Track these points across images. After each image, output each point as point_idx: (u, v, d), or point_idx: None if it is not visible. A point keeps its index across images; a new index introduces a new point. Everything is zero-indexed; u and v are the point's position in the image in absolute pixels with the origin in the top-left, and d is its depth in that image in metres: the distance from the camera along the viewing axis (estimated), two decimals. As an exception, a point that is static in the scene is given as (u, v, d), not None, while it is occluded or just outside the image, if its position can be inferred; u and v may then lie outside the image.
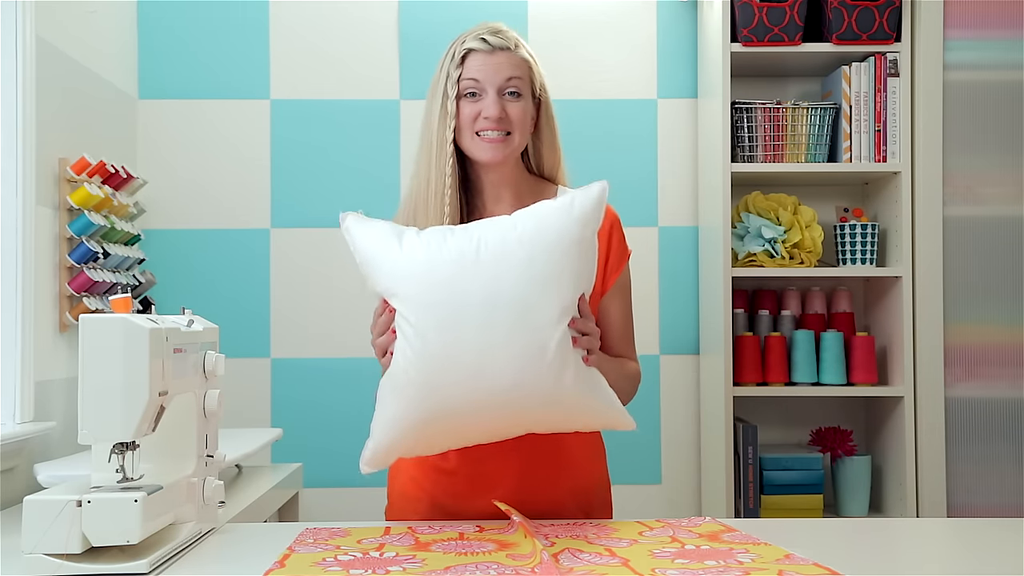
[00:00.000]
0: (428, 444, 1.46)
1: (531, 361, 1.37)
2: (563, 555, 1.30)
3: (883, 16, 2.62)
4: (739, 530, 1.45)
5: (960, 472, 2.60)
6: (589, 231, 1.45)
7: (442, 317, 1.38)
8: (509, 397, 1.38)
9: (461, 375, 1.37)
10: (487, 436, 1.46)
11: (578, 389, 1.41)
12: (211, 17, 2.86)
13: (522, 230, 1.42)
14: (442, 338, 1.37)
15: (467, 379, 1.37)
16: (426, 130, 1.64)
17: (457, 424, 1.42)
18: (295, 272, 2.85)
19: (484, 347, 1.36)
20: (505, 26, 1.66)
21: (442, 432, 1.43)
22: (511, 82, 1.60)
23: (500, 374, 1.37)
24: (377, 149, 2.87)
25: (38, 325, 2.09)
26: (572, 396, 1.41)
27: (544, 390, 1.39)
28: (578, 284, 1.43)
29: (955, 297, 2.62)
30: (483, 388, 1.37)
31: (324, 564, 1.26)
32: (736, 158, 2.69)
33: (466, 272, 1.39)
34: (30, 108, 2.05)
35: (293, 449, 2.76)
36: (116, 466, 1.30)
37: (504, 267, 1.39)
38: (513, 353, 1.37)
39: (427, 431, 1.42)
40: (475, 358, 1.37)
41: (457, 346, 1.37)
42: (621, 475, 2.80)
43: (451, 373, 1.37)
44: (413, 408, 1.40)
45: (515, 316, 1.37)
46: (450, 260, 1.40)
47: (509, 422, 1.44)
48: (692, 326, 2.90)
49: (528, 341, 1.37)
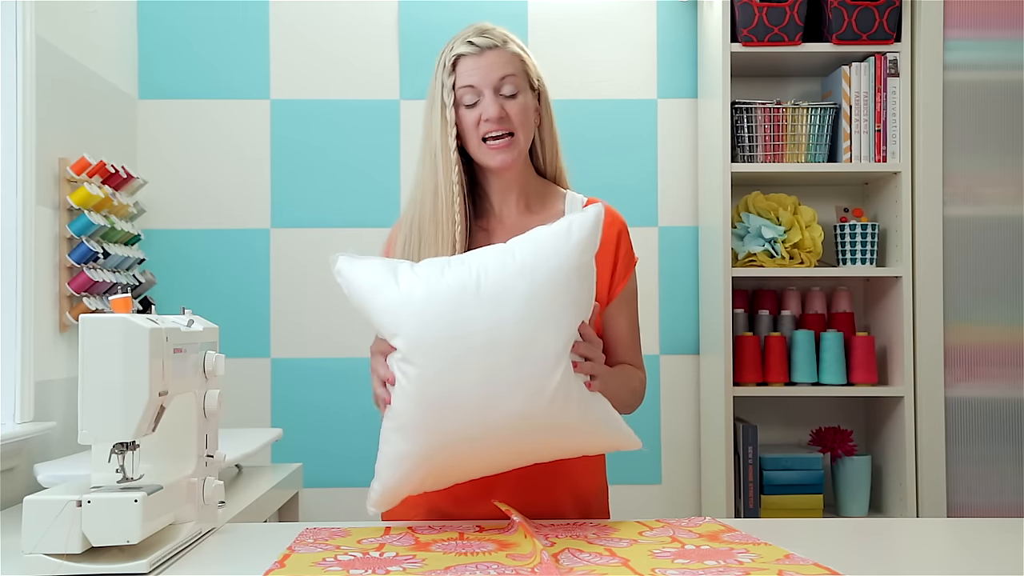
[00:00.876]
0: (436, 480, 1.45)
1: (535, 396, 1.37)
2: (563, 555, 1.30)
3: (883, 16, 2.62)
4: (739, 530, 1.45)
5: (960, 472, 2.60)
6: (587, 257, 1.43)
7: (444, 358, 1.36)
8: (513, 432, 1.39)
9: (465, 414, 1.37)
10: (494, 468, 1.47)
11: (583, 418, 1.42)
12: (211, 17, 2.86)
13: (521, 261, 1.40)
14: (444, 380, 1.36)
15: (471, 416, 1.37)
16: (428, 139, 1.62)
17: (463, 460, 1.42)
18: (295, 272, 2.85)
19: (488, 386, 1.36)
20: (491, 24, 1.64)
21: (448, 467, 1.43)
22: (505, 80, 1.58)
23: (504, 411, 1.36)
24: (377, 149, 2.87)
25: (38, 325, 2.09)
26: (577, 426, 1.42)
27: (549, 423, 1.39)
28: (579, 312, 1.42)
29: (955, 297, 2.62)
30: (487, 424, 1.37)
31: (324, 564, 1.26)
32: (736, 158, 2.69)
33: (467, 307, 1.37)
34: (30, 108, 2.05)
35: (293, 449, 2.76)
36: (116, 466, 1.30)
37: (505, 301, 1.37)
38: (517, 391, 1.36)
39: (433, 468, 1.42)
40: (478, 399, 1.36)
41: (460, 386, 1.36)
42: (621, 475, 2.80)
43: (455, 413, 1.37)
44: (418, 446, 1.39)
45: (519, 354, 1.36)
46: (450, 296, 1.38)
47: (515, 455, 1.44)
48: (692, 326, 2.90)
49: (532, 378, 1.36)
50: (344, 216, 2.86)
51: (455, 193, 1.58)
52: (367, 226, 2.84)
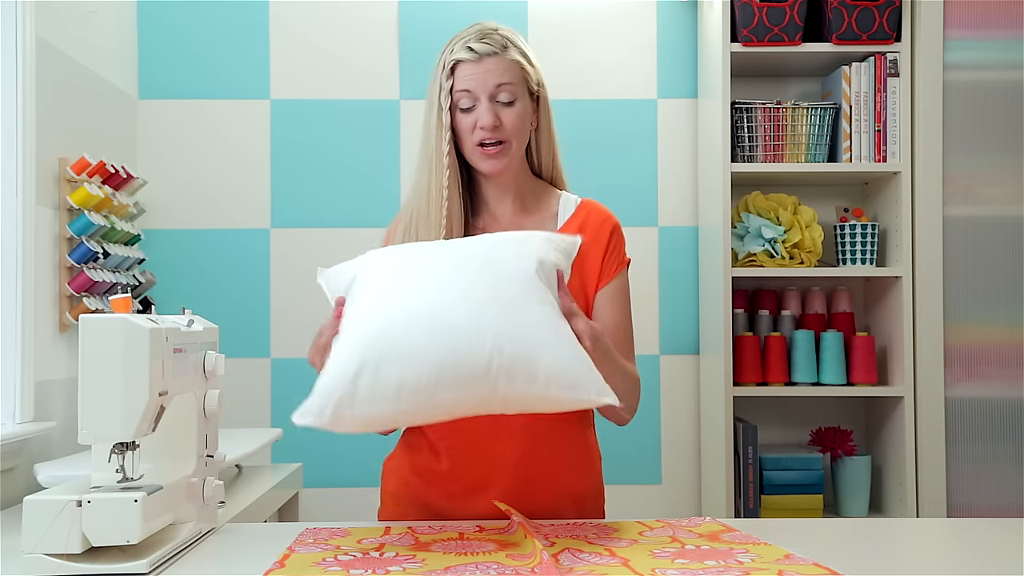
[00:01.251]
0: (380, 401, 1.27)
1: (494, 297, 1.30)
2: (563, 555, 1.30)
3: (883, 16, 2.62)
4: (739, 530, 1.45)
5: (960, 472, 2.60)
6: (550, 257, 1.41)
7: (404, 271, 1.35)
8: (468, 336, 1.27)
9: (417, 311, 1.29)
10: (447, 394, 1.27)
11: (545, 332, 1.29)
12: (211, 17, 2.86)
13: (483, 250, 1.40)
14: (400, 284, 1.33)
15: (423, 316, 1.28)
16: (425, 140, 1.64)
17: (412, 374, 1.26)
18: (295, 272, 2.85)
19: (445, 289, 1.30)
20: (495, 25, 1.63)
21: (395, 387, 1.26)
22: (502, 88, 1.58)
23: (459, 311, 1.28)
24: (377, 149, 2.87)
25: (38, 325, 2.09)
26: (538, 339, 1.28)
27: (506, 327, 1.27)
28: (551, 257, 1.39)
29: (955, 297, 2.62)
30: (440, 325, 1.27)
31: (324, 564, 1.26)
32: (736, 158, 2.69)
33: (436, 249, 1.41)
34: (30, 108, 2.05)
35: (293, 449, 2.76)
36: (116, 466, 1.30)
37: (474, 241, 1.41)
38: (476, 295, 1.30)
39: (379, 379, 1.26)
40: (433, 299, 1.29)
41: (416, 290, 1.31)
42: (621, 475, 2.81)
43: (407, 312, 1.29)
44: (365, 349, 1.27)
45: (482, 265, 1.34)
46: (419, 247, 1.43)
47: (470, 377, 1.27)
48: (692, 326, 2.90)
49: (493, 285, 1.31)
50: (344, 216, 2.86)
51: (444, 196, 1.60)
52: (367, 226, 2.84)
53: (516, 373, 1.27)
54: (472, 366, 1.26)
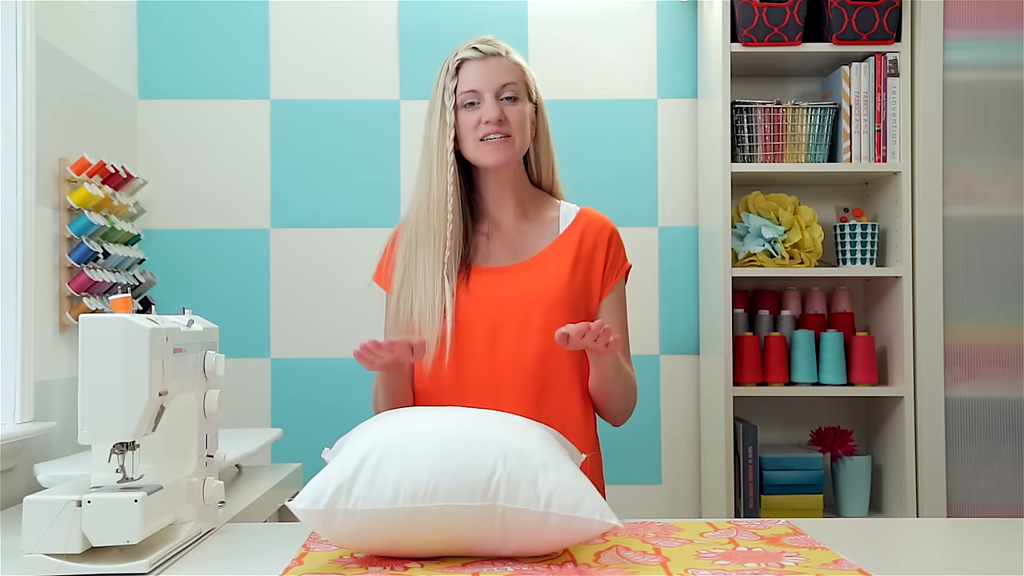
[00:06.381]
0: (376, 498, 1.24)
1: (503, 419, 1.39)
2: (608, 552, 1.30)
3: (883, 16, 2.62)
4: (806, 533, 1.44)
5: (960, 472, 2.60)
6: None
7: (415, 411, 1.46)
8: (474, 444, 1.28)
9: (426, 426, 1.36)
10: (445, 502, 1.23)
11: (549, 456, 1.29)
12: (211, 17, 2.86)
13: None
14: (412, 411, 1.46)
15: (432, 430, 1.33)
16: (426, 145, 1.67)
17: (412, 475, 1.24)
18: (295, 272, 2.85)
19: (456, 413, 1.41)
20: (494, 36, 1.70)
21: (394, 484, 1.24)
22: (507, 87, 1.64)
23: (467, 426, 1.35)
24: (377, 149, 2.87)
25: (38, 325, 2.09)
26: (542, 461, 1.27)
27: (513, 443, 1.29)
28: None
29: (955, 297, 2.62)
30: (447, 433, 1.31)
31: (342, 562, 1.28)
32: (736, 158, 2.69)
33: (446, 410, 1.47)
34: (30, 108, 2.05)
35: (293, 449, 2.75)
36: (116, 466, 1.30)
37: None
38: (486, 417, 1.39)
39: (378, 475, 1.25)
40: (444, 418, 1.39)
41: (427, 415, 1.42)
42: (621, 475, 2.80)
43: (416, 425, 1.35)
44: (369, 446, 1.30)
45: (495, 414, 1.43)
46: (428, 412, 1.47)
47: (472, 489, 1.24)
48: (692, 326, 2.90)
49: (503, 417, 1.40)
50: (344, 216, 2.86)
51: (448, 193, 1.62)
52: (367, 226, 2.84)
53: (517, 487, 1.24)
54: (474, 478, 1.24)
